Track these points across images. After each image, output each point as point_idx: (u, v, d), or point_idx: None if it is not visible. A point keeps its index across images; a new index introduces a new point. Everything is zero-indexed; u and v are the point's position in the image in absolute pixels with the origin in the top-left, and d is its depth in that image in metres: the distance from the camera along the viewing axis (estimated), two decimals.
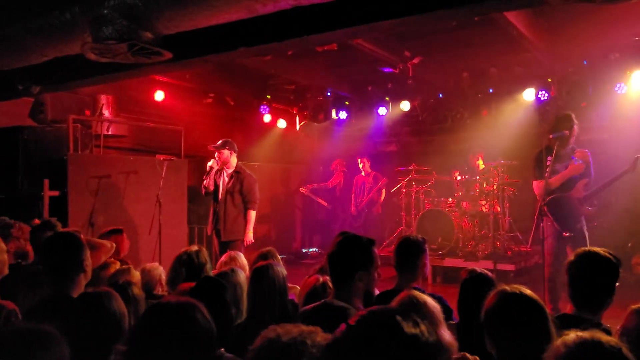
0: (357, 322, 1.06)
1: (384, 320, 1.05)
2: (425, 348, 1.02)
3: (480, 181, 7.97)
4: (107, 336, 1.85)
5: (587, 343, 1.34)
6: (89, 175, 6.34)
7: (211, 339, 1.60)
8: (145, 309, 1.68)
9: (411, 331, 1.02)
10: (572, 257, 2.54)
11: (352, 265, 2.50)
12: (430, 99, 9.06)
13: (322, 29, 3.56)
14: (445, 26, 6.19)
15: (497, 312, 1.91)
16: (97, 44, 3.86)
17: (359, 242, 2.55)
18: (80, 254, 2.63)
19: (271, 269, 2.81)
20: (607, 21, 6.05)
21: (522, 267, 7.33)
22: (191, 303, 1.63)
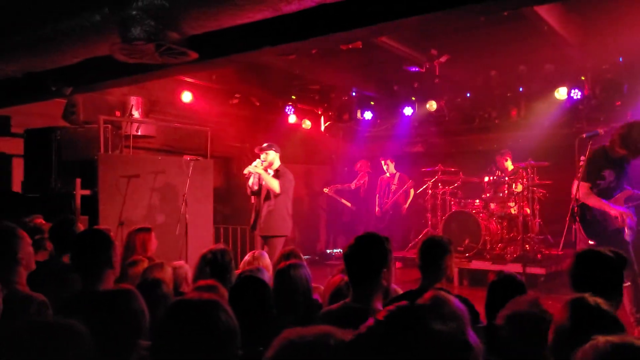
0: (385, 317, 1.05)
1: (411, 316, 1.04)
2: (452, 345, 1.01)
3: (509, 182, 7.81)
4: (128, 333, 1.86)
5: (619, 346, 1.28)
6: (118, 175, 6.44)
7: (233, 337, 1.59)
8: (170, 305, 1.69)
9: (439, 327, 1.01)
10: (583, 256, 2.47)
11: (378, 263, 2.46)
12: (458, 98, 8.93)
13: (347, 26, 3.54)
14: (473, 23, 6.09)
15: (570, 325, 1.78)
16: (126, 44, 3.92)
17: (379, 240, 2.52)
18: (108, 251, 2.68)
19: (295, 269, 2.80)
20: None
21: (553, 271, 7.14)
22: (214, 301, 1.62)
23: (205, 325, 1.56)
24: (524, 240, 7.43)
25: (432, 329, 1.01)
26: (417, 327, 1.01)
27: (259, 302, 2.23)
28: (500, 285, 2.82)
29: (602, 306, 1.81)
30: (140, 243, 4.06)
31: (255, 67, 7.60)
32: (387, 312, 1.06)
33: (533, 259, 7.31)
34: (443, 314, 1.06)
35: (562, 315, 1.82)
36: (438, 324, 1.02)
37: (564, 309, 1.85)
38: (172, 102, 8.27)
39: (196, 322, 1.56)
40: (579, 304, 1.82)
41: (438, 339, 1.00)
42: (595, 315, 1.78)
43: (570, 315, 1.79)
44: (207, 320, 1.56)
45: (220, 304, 1.61)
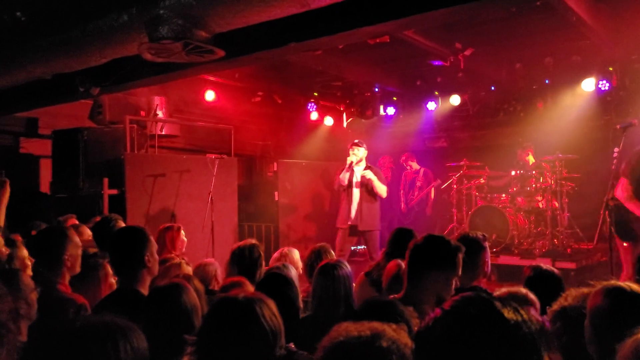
0: (451, 307, 1.02)
1: (482, 306, 1.00)
2: (527, 337, 0.97)
3: (535, 176, 7.68)
4: (179, 329, 1.85)
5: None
6: (144, 174, 6.51)
7: (277, 335, 1.58)
8: (215, 302, 1.69)
9: (512, 318, 0.97)
10: None
11: (429, 262, 2.44)
12: (482, 92, 8.81)
13: (375, 20, 3.50)
14: (499, 15, 5.99)
15: (609, 311, 1.76)
16: (154, 43, 3.95)
17: (443, 242, 2.52)
18: (141, 249, 2.61)
19: (338, 265, 2.78)
20: None
21: (584, 265, 7.00)
22: (258, 299, 1.62)
23: (249, 323, 1.55)
24: (553, 234, 7.31)
25: (505, 319, 0.97)
26: (489, 317, 0.97)
27: (283, 299, 2.21)
28: (537, 280, 2.77)
29: (637, 291, 1.78)
30: (170, 241, 4.08)
31: (277, 64, 7.60)
32: (453, 301, 1.03)
33: (563, 253, 7.18)
34: (515, 304, 1.02)
35: (597, 302, 1.79)
36: (512, 314, 0.98)
37: (598, 295, 1.82)
38: (195, 101, 8.33)
39: (240, 319, 1.56)
40: (614, 290, 1.79)
41: (512, 331, 0.96)
42: (633, 300, 1.75)
43: (607, 301, 1.77)
44: (251, 318, 1.55)
45: (265, 302, 1.60)
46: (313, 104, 9.43)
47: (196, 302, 2.00)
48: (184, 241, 4.23)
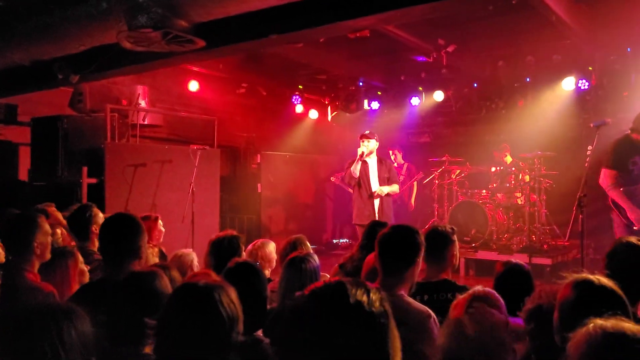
0: (310, 291, 1.11)
1: (334, 289, 1.09)
2: (368, 315, 1.06)
3: (515, 173, 7.79)
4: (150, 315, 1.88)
5: (610, 333, 1.31)
6: (125, 164, 6.47)
7: (234, 321, 1.62)
8: (175, 288, 1.72)
9: (355, 299, 1.06)
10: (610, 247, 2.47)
11: (411, 254, 2.53)
12: (465, 88, 8.89)
13: (354, 14, 3.53)
14: (480, 13, 6.04)
15: (575, 302, 1.80)
16: (133, 32, 3.93)
17: (414, 231, 2.61)
18: (137, 239, 2.56)
19: (304, 257, 2.80)
20: None
21: (559, 261, 7.13)
22: (218, 285, 1.65)
23: (207, 308, 1.59)
24: (530, 230, 7.42)
25: (347, 300, 1.06)
26: (336, 298, 1.07)
27: (250, 289, 2.24)
28: (508, 274, 2.82)
29: (607, 286, 1.82)
30: (147, 231, 4.06)
31: (262, 56, 7.59)
32: (315, 286, 1.12)
33: (539, 249, 7.29)
34: (369, 287, 1.11)
35: (565, 294, 1.83)
36: (356, 296, 1.07)
37: (567, 288, 1.85)
38: (179, 91, 8.29)
39: (199, 305, 1.60)
40: (583, 284, 1.82)
41: (353, 310, 1.05)
42: (600, 295, 1.78)
43: (575, 292, 1.81)
44: (210, 304, 1.59)
45: (224, 289, 1.63)
46: (298, 96, 9.44)
47: (167, 290, 2.02)
48: (161, 231, 4.23)
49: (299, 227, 9.59)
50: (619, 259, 2.47)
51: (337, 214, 10.83)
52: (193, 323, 1.58)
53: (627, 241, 2.57)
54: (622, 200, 4.51)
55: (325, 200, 10.72)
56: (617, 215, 4.59)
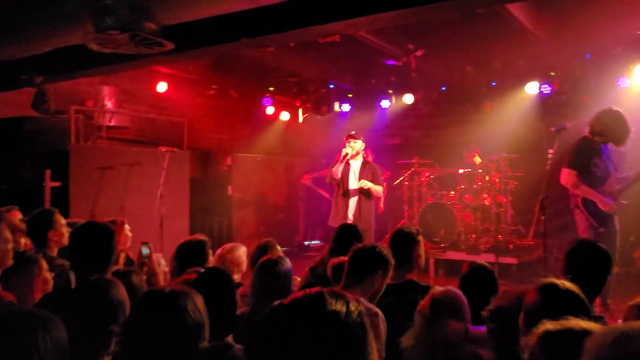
0: (290, 300, 1.11)
1: (312, 299, 1.10)
2: (345, 326, 1.07)
3: (482, 174, 7.96)
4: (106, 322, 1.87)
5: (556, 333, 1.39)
6: (91, 167, 6.36)
7: (200, 328, 1.62)
8: (140, 296, 1.72)
9: (332, 309, 1.07)
10: (570, 247, 2.56)
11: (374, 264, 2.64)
12: (434, 92, 9.03)
13: (324, 20, 3.56)
14: (448, 19, 6.16)
15: (540, 305, 1.86)
16: (100, 34, 3.87)
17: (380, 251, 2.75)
18: (108, 248, 2.56)
19: (276, 261, 2.82)
20: (610, 15, 6.00)
21: (525, 260, 7.31)
22: (183, 292, 1.65)
23: (172, 316, 1.59)
24: (497, 231, 7.59)
25: (325, 310, 1.07)
26: (313, 308, 1.07)
27: (220, 294, 2.25)
28: (472, 275, 2.90)
29: (571, 290, 1.89)
30: None
31: (232, 58, 7.55)
32: (294, 296, 1.12)
33: (505, 249, 7.46)
34: (347, 298, 1.11)
35: (532, 298, 1.89)
36: (334, 306, 1.08)
37: (533, 291, 1.91)
38: (147, 92, 8.17)
39: (164, 312, 1.60)
40: (549, 288, 1.89)
41: (329, 320, 1.06)
42: (564, 298, 1.85)
43: (540, 296, 1.87)
44: (174, 311, 1.59)
45: (189, 296, 1.64)
46: (269, 98, 9.42)
47: (124, 298, 2.01)
48: (128, 236, 4.17)
49: (271, 229, 9.59)
50: (577, 259, 2.57)
51: (309, 216, 10.86)
52: (158, 330, 1.58)
53: (585, 241, 2.67)
54: (592, 193, 4.58)
55: (297, 202, 10.74)
56: (582, 217, 4.69)
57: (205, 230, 8.30)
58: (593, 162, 4.62)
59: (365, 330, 1.10)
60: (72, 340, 1.87)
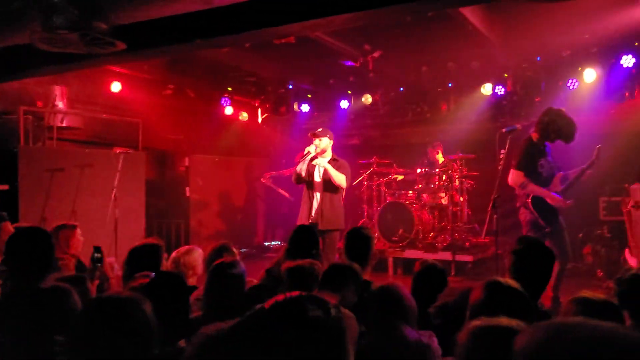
0: (270, 305, 1.11)
1: (292, 304, 1.10)
2: (325, 331, 1.07)
3: (439, 174, 8.11)
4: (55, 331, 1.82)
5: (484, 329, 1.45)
6: (41, 169, 6.16)
7: (150, 335, 1.60)
8: (88, 303, 1.68)
9: (315, 314, 1.08)
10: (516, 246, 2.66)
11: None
12: (391, 92, 9.15)
13: (279, 22, 3.56)
14: (403, 21, 6.25)
15: (484, 302, 1.93)
16: (48, 33, 3.75)
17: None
18: (52, 252, 2.55)
19: (231, 264, 2.79)
20: (559, 19, 6.22)
21: (480, 258, 7.50)
22: (131, 298, 1.62)
23: (121, 323, 1.57)
24: (454, 229, 7.76)
25: (307, 315, 1.07)
26: (295, 312, 1.08)
27: (172, 299, 2.23)
28: (423, 273, 2.96)
29: (513, 288, 1.97)
30: (64, 240, 3.91)
31: (189, 57, 7.44)
32: (275, 301, 1.12)
33: (462, 247, 7.64)
34: (324, 301, 1.12)
35: (477, 295, 1.97)
36: (316, 311, 1.08)
37: (478, 289, 1.99)
38: (100, 92, 7.95)
39: (112, 319, 1.57)
40: (491, 284, 1.97)
41: (312, 325, 1.07)
42: (507, 295, 1.93)
43: (485, 295, 1.94)
44: (123, 318, 1.57)
45: (138, 302, 1.61)
46: (227, 98, 9.33)
47: (76, 306, 1.96)
48: (80, 240, 4.06)
49: (230, 231, 9.51)
50: (522, 257, 2.66)
51: (268, 217, 10.82)
52: (106, 338, 1.55)
53: (529, 239, 2.77)
54: (540, 190, 4.73)
55: (257, 202, 10.68)
56: (527, 217, 4.81)
57: (162, 233, 8.17)
58: (539, 163, 4.77)
59: (344, 334, 1.11)
60: (19, 349, 1.82)
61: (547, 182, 4.78)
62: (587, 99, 7.32)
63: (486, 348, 1.42)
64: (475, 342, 1.44)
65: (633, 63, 6.78)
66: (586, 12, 5.95)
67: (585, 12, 5.94)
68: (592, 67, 7.09)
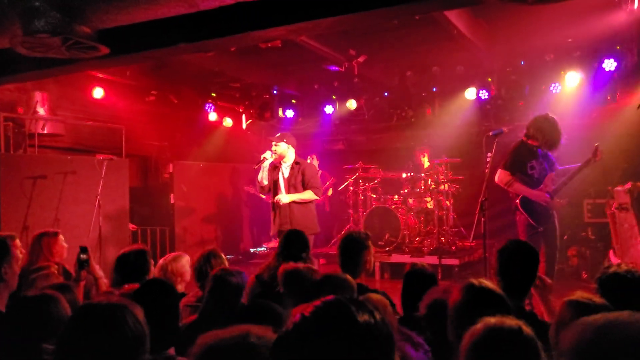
0: (311, 312, 1.05)
1: (338, 310, 1.05)
2: (379, 337, 1.04)
3: (425, 178, 8.14)
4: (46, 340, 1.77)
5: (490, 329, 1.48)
6: (22, 176, 6.04)
7: (140, 341, 1.56)
8: (76, 309, 1.63)
9: (365, 320, 1.04)
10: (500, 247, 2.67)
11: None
12: (376, 97, 9.17)
13: (264, 25, 3.53)
14: (388, 25, 6.27)
15: (463, 305, 1.98)
16: (28, 37, 3.68)
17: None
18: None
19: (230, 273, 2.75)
20: (542, 23, 6.30)
21: (466, 261, 7.53)
22: (121, 305, 1.59)
23: (111, 329, 1.53)
24: (440, 233, 7.77)
25: (357, 322, 1.03)
26: (343, 320, 1.03)
27: (162, 306, 2.19)
28: (413, 277, 2.95)
29: (488, 289, 2.05)
30: (47, 247, 3.82)
31: (172, 63, 7.38)
32: (314, 307, 1.07)
33: (448, 251, 7.66)
34: (370, 307, 1.08)
35: (456, 297, 2.05)
36: (365, 317, 1.04)
37: (457, 290, 2.07)
38: (82, 98, 7.85)
39: (102, 326, 1.54)
40: (468, 286, 2.05)
41: (364, 332, 1.02)
42: (482, 295, 2.01)
43: (462, 294, 2.02)
44: (114, 325, 1.53)
45: (128, 308, 1.57)
46: (211, 104, 9.27)
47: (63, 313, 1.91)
48: (63, 247, 3.97)
49: (216, 237, 9.43)
50: (506, 258, 2.67)
51: (254, 223, 10.75)
52: (95, 345, 1.51)
53: (514, 241, 2.79)
54: (523, 189, 4.77)
55: (242, 208, 10.60)
56: (521, 218, 4.84)
57: (147, 240, 8.06)
58: (530, 164, 4.81)
59: (392, 339, 1.08)
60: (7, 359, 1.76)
61: (538, 183, 4.81)
62: (570, 103, 7.40)
63: (490, 349, 1.43)
64: (483, 344, 1.45)
65: (615, 66, 6.86)
66: (569, 16, 6.03)
67: (568, 16, 6.03)
68: (575, 71, 7.16)
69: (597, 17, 5.96)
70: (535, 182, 4.82)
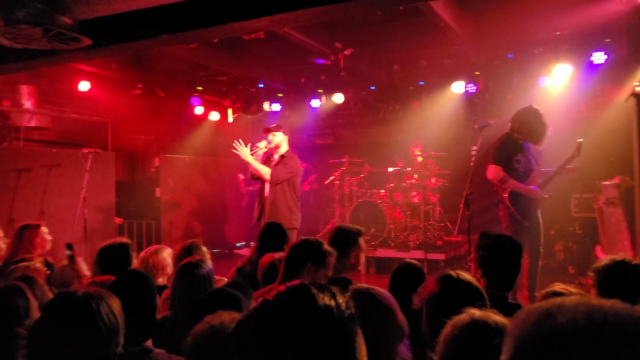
0: (274, 296, 1.05)
1: (299, 293, 1.04)
2: (338, 320, 1.02)
3: (411, 172, 8.15)
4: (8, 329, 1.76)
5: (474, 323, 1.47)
6: (7, 169, 5.99)
7: (113, 332, 1.56)
8: (51, 299, 1.63)
9: (324, 303, 1.02)
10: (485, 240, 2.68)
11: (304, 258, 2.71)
12: (363, 91, 9.16)
13: (247, 15, 3.51)
14: (375, 18, 6.26)
15: (439, 296, 1.96)
16: (10, 27, 3.64)
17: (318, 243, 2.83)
18: None
19: (198, 264, 2.74)
20: (530, 16, 6.29)
21: (452, 256, 7.55)
22: (97, 295, 1.58)
23: (84, 319, 1.53)
24: (426, 227, 7.80)
25: (317, 305, 1.02)
26: (303, 303, 1.02)
27: (138, 297, 2.18)
28: (401, 272, 2.95)
29: (465, 280, 2.02)
30: (28, 240, 3.80)
31: (158, 56, 7.32)
32: (277, 291, 1.06)
33: (434, 246, 7.68)
34: (334, 291, 1.07)
35: (431, 288, 2.03)
36: (325, 300, 1.03)
37: (432, 282, 2.05)
38: (68, 91, 7.77)
39: (75, 315, 1.53)
40: (444, 278, 2.02)
41: (323, 315, 1.01)
42: (458, 287, 1.98)
43: (437, 286, 2.00)
44: (86, 315, 1.53)
45: (104, 298, 1.57)
46: (197, 98, 9.22)
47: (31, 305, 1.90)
48: (45, 239, 3.95)
49: (202, 231, 9.39)
50: (487, 251, 2.69)
51: (240, 216, 10.72)
52: (68, 334, 1.51)
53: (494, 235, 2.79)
54: (518, 186, 4.73)
55: (228, 202, 10.57)
56: (505, 212, 4.81)
57: (133, 233, 8.02)
58: (515, 158, 4.77)
59: (355, 323, 1.05)
60: None
61: (524, 177, 4.78)
62: (559, 96, 7.39)
63: (472, 343, 1.43)
64: (461, 336, 1.44)
65: (604, 60, 6.79)
66: (558, 9, 6.03)
67: (556, 8, 6.03)
68: (564, 64, 7.11)
69: (586, 10, 5.94)
70: (521, 176, 4.78)
